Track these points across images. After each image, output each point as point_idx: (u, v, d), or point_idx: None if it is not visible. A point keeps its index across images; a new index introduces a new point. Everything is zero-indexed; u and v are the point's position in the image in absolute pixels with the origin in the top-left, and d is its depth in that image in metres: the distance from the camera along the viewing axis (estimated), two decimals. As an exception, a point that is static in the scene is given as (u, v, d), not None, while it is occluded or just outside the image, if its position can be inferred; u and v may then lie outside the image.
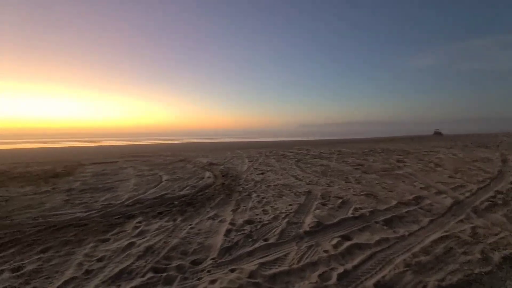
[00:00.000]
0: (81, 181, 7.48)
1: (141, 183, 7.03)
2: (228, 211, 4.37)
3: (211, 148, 22.40)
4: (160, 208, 4.57)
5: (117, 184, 6.95)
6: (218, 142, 36.95)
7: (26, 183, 7.37)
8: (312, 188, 5.92)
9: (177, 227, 3.67)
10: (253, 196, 5.34)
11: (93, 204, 5.00)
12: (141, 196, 5.56)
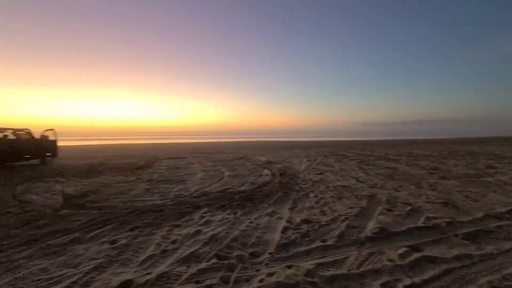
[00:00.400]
0: (158, 173, 8.61)
1: (206, 177, 7.68)
2: (285, 209, 4.44)
3: (269, 147, 22.83)
4: (222, 202, 4.94)
5: (187, 177, 7.75)
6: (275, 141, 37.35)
7: (118, 173, 8.85)
8: (376, 191, 5.51)
9: (237, 220, 3.92)
10: (310, 196, 5.29)
11: (168, 193, 5.71)
12: (206, 189, 6.09)
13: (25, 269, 2.55)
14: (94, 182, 7.13)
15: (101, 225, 3.74)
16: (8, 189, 6.33)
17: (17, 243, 3.17)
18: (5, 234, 3.43)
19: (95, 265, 2.61)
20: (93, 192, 5.87)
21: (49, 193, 5.89)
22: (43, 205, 4.83)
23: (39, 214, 4.32)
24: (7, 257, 2.79)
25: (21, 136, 10.95)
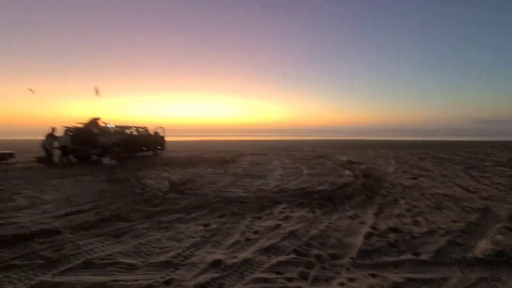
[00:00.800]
0: (242, 168, 9.35)
1: (285, 174, 7.87)
2: (369, 213, 4.13)
3: (351, 146, 21.36)
4: (301, 199, 4.99)
5: (267, 173, 8.14)
6: (358, 139, 34.55)
7: (209, 165, 10.07)
8: (491, 205, 4.47)
9: (316, 219, 3.91)
10: (400, 202, 4.73)
11: (250, 187, 6.16)
12: (285, 186, 6.27)
13: (145, 237, 3.27)
14: (191, 173, 8.35)
15: (197, 210, 4.39)
16: (133, 174, 8.12)
17: (140, 216, 4.07)
18: (132, 208, 4.45)
19: (193, 242, 3.11)
20: (191, 181, 6.89)
21: (159, 179, 7.25)
22: (156, 189, 6.01)
23: (154, 195, 5.40)
24: (134, 226, 3.63)
25: (141, 133, 13.80)
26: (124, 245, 3.04)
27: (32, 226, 3.59)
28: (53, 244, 3.05)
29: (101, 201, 4.97)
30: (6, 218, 3.98)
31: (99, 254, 2.80)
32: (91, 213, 4.20)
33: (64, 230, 3.45)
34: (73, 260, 2.68)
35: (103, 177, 7.61)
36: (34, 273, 2.46)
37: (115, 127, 12.62)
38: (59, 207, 4.61)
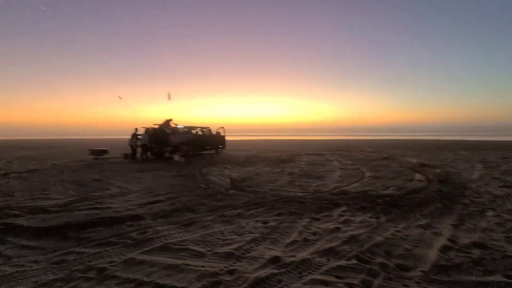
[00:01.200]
0: (299, 167, 9.29)
1: (345, 176, 7.50)
2: (446, 224, 3.65)
3: (422, 146, 18.92)
4: (363, 203, 4.71)
5: (325, 174, 7.91)
6: (431, 139, 30.32)
7: (266, 164, 10.30)
8: None
9: (380, 225, 3.64)
10: (488, 214, 4.03)
11: (307, 187, 6.10)
12: (345, 188, 5.99)
13: (210, 229, 3.58)
14: (250, 171, 8.69)
15: (256, 207, 4.58)
16: (198, 170, 8.90)
17: (206, 209, 4.47)
18: (199, 202, 4.91)
19: (253, 237, 3.27)
20: (249, 179, 7.20)
21: (221, 176, 7.78)
22: (219, 185, 6.48)
23: (217, 191, 5.83)
24: (201, 218, 4.01)
25: (205, 133, 14.98)
26: (193, 234, 3.40)
27: (122, 211, 4.32)
28: (138, 227, 3.61)
29: (173, 193, 5.63)
30: (103, 203, 4.88)
31: (173, 240, 3.20)
32: (166, 204, 4.81)
33: (146, 216, 4.04)
34: (154, 242, 3.14)
35: (174, 172, 8.56)
36: (125, 250, 2.96)
37: (183, 127, 14.02)
38: (141, 196, 5.40)
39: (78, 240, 3.22)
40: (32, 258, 2.81)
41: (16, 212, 4.32)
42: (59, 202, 4.95)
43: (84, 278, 2.41)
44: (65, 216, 4.09)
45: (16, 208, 4.52)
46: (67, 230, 3.53)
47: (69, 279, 2.40)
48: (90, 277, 2.42)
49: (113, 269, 2.55)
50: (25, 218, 4.02)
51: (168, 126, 13.32)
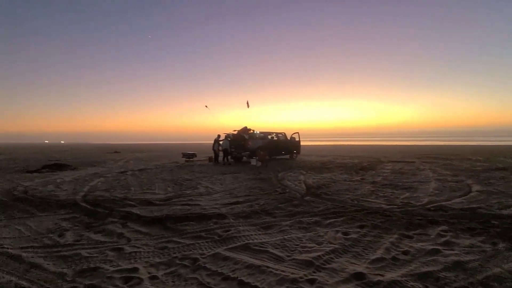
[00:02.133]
0: (382, 176, 8.41)
1: (443, 188, 6.36)
2: None
3: None
4: (470, 223, 3.88)
5: (416, 185, 6.89)
6: None
7: (343, 171, 9.73)
8: None
9: (498, 253, 2.92)
10: None
11: (394, 199, 5.44)
12: (443, 203, 5.07)
13: (288, 234, 3.61)
14: (326, 177, 8.37)
15: (334, 216, 4.36)
16: (274, 174, 9.12)
17: (283, 214, 4.54)
18: (276, 206, 5.02)
19: (332, 248, 3.13)
20: (326, 186, 6.93)
21: (296, 181, 7.76)
22: (294, 190, 6.48)
23: (293, 196, 5.85)
24: (278, 222, 4.09)
25: (280, 137, 15.27)
26: (272, 237, 3.50)
27: (209, 209, 4.82)
28: (223, 225, 3.95)
29: (251, 196, 5.94)
30: (194, 200, 5.55)
31: (253, 240, 3.37)
32: (245, 205, 5.11)
33: (229, 216, 4.39)
34: (236, 241, 3.38)
35: (251, 176, 9.03)
36: (212, 245, 3.29)
37: (259, 133, 14.67)
38: (224, 197, 5.90)
39: (176, 231, 3.77)
40: (143, 242, 3.43)
41: (132, 202, 5.37)
42: (161, 197, 5.90)
43: (181, 265, 2.79)
44: (166, 209, 4.85)
45: (132, 200, 5.62)
46: (167, 221, 4.17)
47: (170, 264, 2.82)
48: (185, 265, 2.78)
49: (204, 260, 2.87)
50: (138, 208, 4.96)
51: (246, 132, 14.19)
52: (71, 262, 2.87)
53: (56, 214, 4.69)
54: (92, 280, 2.50)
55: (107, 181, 8.21)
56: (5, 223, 4.23)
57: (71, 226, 4.04)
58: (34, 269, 2.74)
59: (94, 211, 4.78)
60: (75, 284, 2.44)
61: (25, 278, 2.56)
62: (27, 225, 4.08)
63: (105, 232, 3.78)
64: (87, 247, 3.25)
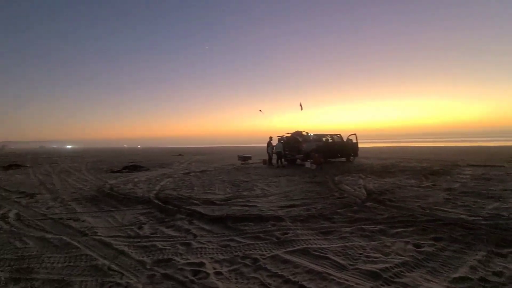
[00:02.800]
0: (460, 182, 7.30)
1: (549, 199, 5.18)
2: None
3: None
4: None
5: (507, 194, 5.78)
6: None
7: (410, 176, 8.78)
8: None
9: None
10: None
11: (478, 210, 4.66)
12: (550, 217, 4.13)
13: (350, 241, 3.43)
14: (389, 182, 7.67)
15: (402, 225, 3.97)
16: (330, 178, 8.77)
17: (342, 219, 4.33)
18: (334, 211, 4.82)
19: (402, 260, 2.85)
20: (390, 192, 6.35)
21: (355, 186, 7.31)
22: (354, 195, 6.12)
23: (352, 201, 5.53)
24: (338, 228, 3.92)
25: (335, 139, 14.63)
26: (332, 243, 3.38)
27: (266, 211, 4.91)
28: (280, 228, 3.98)
29: (308, 199, 5.83)
30: (251, 202, 5.73)
31: (313, 245, 3.31)
32: (302, 209, 5.04)
33: (286, 219, 4.40)
34: (295, 244, 3.36)
35: (307, 179, 8.86)
36: (271, 247, 3.34)
37: (313, 135, 14.32)
38: (280, 199, 5.94)
39: (236, 231, 3.95)
40: (207, 239, 3.69)
41: (196, 201, 5.84)
42: (221, 197, 6.26)
43: (243, 264, 2.91)
44: (226, 209, 5.12)
45: (195, 199, 6.11)
46: (227, 220, 4.40)
47: (233, 262, 2.97)
48: (247, 264, 2.89)
49: (263, 261, 2.94)
50: (201, 207, 5.35)
51: (299, 134, 14.02)
52: (149, 252, 3.27)
53: (135, 209, 5.41)
54: (167, 270, 2.80)
55: (174, 181, 9.10)
56: (98, 214, 5.06)
57: (147, 220, 4.61)
58: (121, 255, 3.20)
59: (165, 208, 5.35)
60: (153, 272, 2.77)
61: (115, 262, 3.01)
62: (114, 217, 4.80)
63: (175, 227, 4.20)
64: (161, 240, 3.66)
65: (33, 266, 2.93)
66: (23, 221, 4.63)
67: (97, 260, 3.06)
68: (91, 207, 5.63)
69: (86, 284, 2.55)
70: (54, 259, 3.10)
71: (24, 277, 2.71)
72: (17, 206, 5.76)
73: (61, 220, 4.62)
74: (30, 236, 3.88)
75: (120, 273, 2.75)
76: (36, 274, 2.77)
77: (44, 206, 5.69)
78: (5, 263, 3.04)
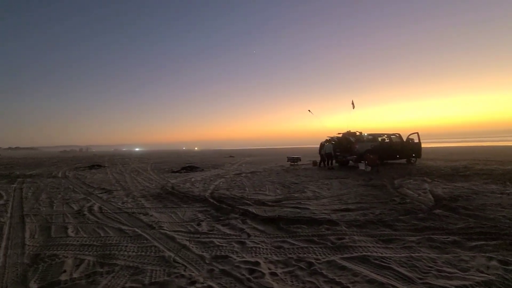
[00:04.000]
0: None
1: None
2: None
3: None
4: None
5: None
6: None
7: (488, 180, 7.53)
8: None
9: None
10: None
11: None
12: None
13: (417, 252, 3.10)
14: (461, 187, 6.71)
15: (483, 237, 3.43)
16: (389, 181, 8.08)
17: (406, 227, 3.94)
18: (395, 217, 4.42)
19: (485, 279, 2.46)
20: (464, 198, 5.55)
21: (419, 190, 6.58)
22: (418, 201, 5.52)
23: (416, 207, 4.99)
24: (401, 237, 3.58)
25: (394, 139, 13.43)
26: (395, 252, 3.11)
27: (319, 214, 4.77)
28: (335, 232, 3.82)
29: (364, 203, 5.47)
30: (302, 204, 5.63)
31: (372, 253, 3.09)
32: (358, 213, 4.76)
33: (341, 223, 4.20)
34: (352, 251, 3.19)
35: (360, 181, 8.33)
36: (326, 251, 3.23)
37: (367, 135, 13.39)
38: (333, 202, 5.71)
39: (289, 232, 3.93)
40: (261, 239, 3.76)
41: (248, 201, 6.00)
42: (272, 198, 6.31)
43: (298, 267, 2.88)
44: (277, 210, 5.14)
45: (247, 199, 6.28)
46: (280, 222, 4.42)
47: (287, 264, 2.96)
48: (302, 267, 2.85)
49: (319, 266, 2.86)
50: (254, 207, 5.48)
51: (352, 134, 13.26)
52: (207, 248, 3.48)
53: (194, 206, 5.82)
54: (224, 266, 2.94)
55: (226, 181, 9.52)
56: (163, 210, 5.59)
57: (204, 217, 4.92)
58: (183, 249, 3.48)
59: (220, 206, 5.63)
60: (212, 266, 2.94)
61: (179, 255, 3.29)
62: (176, 214, 5.25)
63: (229, 225, 4.39)
64: (218, 237, 3.87)
65: (114, 253, 3.39)
66: (105, 213, 5.40)
67: (164, 252, 3.38)
68: (156, 203, 6.27)
69: (156, 273, 2.84)
70: (129, 248, 3.54)
71: (107, 262, 3.16)
72: (100, 200, 6.75)
73: (134, 214, 5.25)
74: (110, 226, 4.50)
75: (183, 265, 3.00)
76: (116, 260, 3.19)
77: (119, 201, 6.55)
78: (93, 248, 3.58)
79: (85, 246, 3.65)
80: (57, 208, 5.93)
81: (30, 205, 6.26)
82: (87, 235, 4.12)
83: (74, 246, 3.68)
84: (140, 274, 2.81)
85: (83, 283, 2.66)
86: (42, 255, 3.37)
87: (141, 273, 2.85)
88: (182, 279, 2.67)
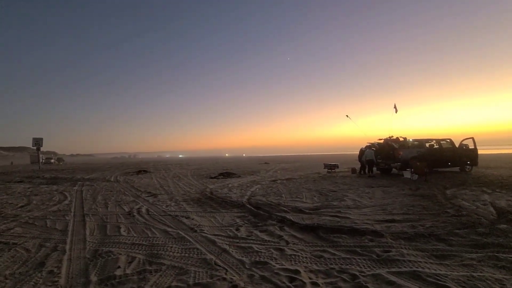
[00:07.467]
0: None
1: None
2: None
3: None
4: None
5: None
6: None
7: None
8: None
9: None
10: None
11: None
12: None
13: (478, 271, 2.76)
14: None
15: None
16: (440, 191, 7.37)
17: (463, 243, 3.55)
18: (450, 231, 4.01)
19: None
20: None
21: (477, 202, 5.89)
22: (477, 213, 4.93)
23: (475, 221, 4.46)
24: (458, 253, 3.24)
25: (444, 145, 12.26)
26: (451, 270, 2.81)
27: (361, 224, 4.54)
28: (380, 244, 3.60)
29: (411, 214, 5.06)
30: (342, 213, 5.41)
31: (424, 269, 2.84)
32: (405, 225, 4.42)
33: (386, 234, 3.94)
34: (401, 265, 2.97)
35: (406, 191, 7.73)
36: (371, 264, 3.05)
37: (412, 140, 12.42)
38: (375, 212, 5.38)
39: (329, 242, 3.80)
40: (300, 247, 3.69)
41: (285, 208, 5.96)
42: (309, 206, 6.18)
43: (340, 278, 2.76)
44: (316, 219, 5.02)
45: (284, 206, 6.23)
46: (319, 230, 4.30)
47: (329, 274, 2.86)
48: (345, 279, 2.74)
49: (364, 279, 2.71)
50: (291, 214, 5.42)
51: (395, 140, 12.41)
52: (247, 253, 3.53)
53: (232, 212, 5.96)
54: (264, 272, 2.95)
55: (262, 187, 9.57)
56: (203, 214, 5.82)
57: (243, 223, 5.00)
58: (224, 253, 3.57)
59: (257, 213, 5.68)
60: (252, 272, 2.97)
61: (219, 258, 3.39)
62: (216, 218, 5.42)
63: (267, 232, 4.40)
64: (256, 243, 3.90)
65: (161, 253, 3.62)
66: (151, 215, 5.80)
67: (205, 254, 3.52)
68: (197, 207, 6.55)
69: (199, 274, 2.96)
70: (174, 249, 3.74)
71: (155, 261, 3.38)
72: (147, 203, 7.27)
73: (177, 217, 5.56)
74: (156, 228, 4.82)
75: (224, 269, 3.08)
76: (163, 259, 3.40)
77: (164, 204, 6.98)
78: (142, 247, 3.86)
79: (136, 245, 3.95)
80: (111, 209, 6.54)
81: (89, 206, 7.00)
82: (137, 234, 4.46)
83: (126, 244, 4.01)
84: (184, 275, 2.95)
85: (135, 279, 2.89)
86: (100, 251, 3.74)
87: (185, 273, 2.99)
88: (223, 282, 2.75)
